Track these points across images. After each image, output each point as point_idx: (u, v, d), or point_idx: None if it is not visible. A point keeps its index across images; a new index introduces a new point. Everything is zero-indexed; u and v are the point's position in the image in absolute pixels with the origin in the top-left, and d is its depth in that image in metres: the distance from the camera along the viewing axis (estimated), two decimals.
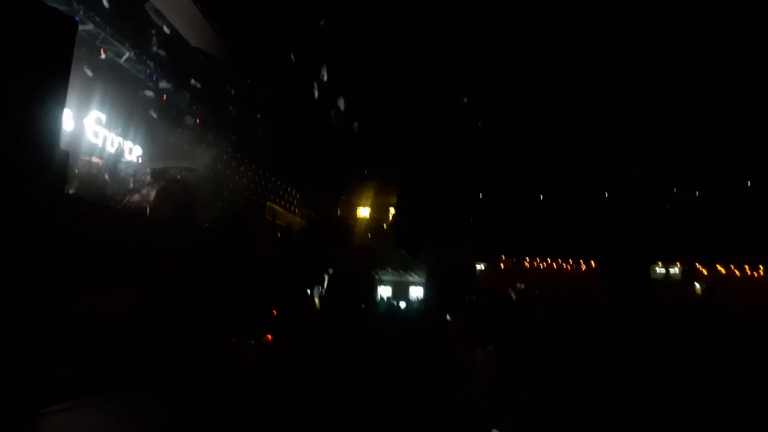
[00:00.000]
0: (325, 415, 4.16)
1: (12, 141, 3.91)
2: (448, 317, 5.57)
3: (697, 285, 25.67)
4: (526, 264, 28.31)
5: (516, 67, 17.18)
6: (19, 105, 3.98)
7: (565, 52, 17.99)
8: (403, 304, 19.71)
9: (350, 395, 4.74)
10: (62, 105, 4.51)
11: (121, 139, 11.36)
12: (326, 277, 11.73)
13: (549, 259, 28.09)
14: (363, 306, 12.19)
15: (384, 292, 24.59)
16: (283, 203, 17.91)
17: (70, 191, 7.30)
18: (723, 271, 24.83)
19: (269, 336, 7.77)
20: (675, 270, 25.79)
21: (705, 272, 25.23)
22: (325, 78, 14.08)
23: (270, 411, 4.32)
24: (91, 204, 7.70)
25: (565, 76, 18.94)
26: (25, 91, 4.04)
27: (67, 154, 4.61)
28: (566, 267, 27.78)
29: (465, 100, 16.08)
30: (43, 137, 4.21)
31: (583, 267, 27.42)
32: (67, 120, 9.19)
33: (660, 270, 25.46)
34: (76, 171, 8.54)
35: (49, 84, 4.25)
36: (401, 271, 25.12)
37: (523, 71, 17.90)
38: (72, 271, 5.68)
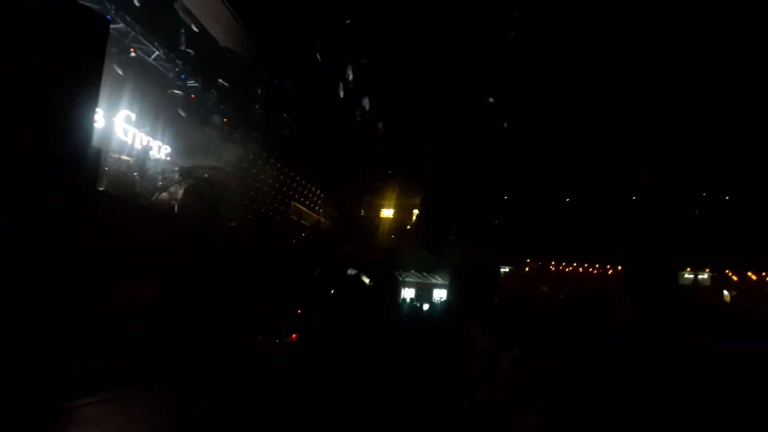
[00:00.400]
0: (344, 416, 4.12)
1: (47, 137, 3.95)
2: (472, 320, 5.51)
3: (726, 292, 25.14)
4: (551, 267, 27.99)
5: (545, 69, 16.96)
6: (55, 102, 4.02)
7: (599, 53, 17.73)
8: (426, 306, 19.65)
9: (371, 395, 4.70)
10: (95, 102, 4.56)
11: (149, 138, 11.50)
12: (350, 278, 11.71)
13: (575, 263, 27.73)
14: (386, 307, 12.14)
15: (407, 293, 24.55)
16: (307, 203, 17.97)
17: (101, 188, 7.38)
18: (754, 277, 24.24)
19: (294, 335, 7.77)
20: (704, 276, 25.29)
21: (735, 279, 24.66)
22: (351, 77, 14.09)
23: (291, 410, 4.30)
24: (121, 201, 7.79)
25: (597, 79, 18.66)
26: (60, 88, 4.09)
27: (99, 151, 4.66)
28: (592, 271, 27.41)
29: (491, 100, 15.93)
30: (76, 134, 4.25)
31: (610, 271, 27.02)
32: (98, 118, 9.32)
33: (688, 276, 24.96)
34: (106, 168, 8.65)
35: (82, 81, 4.30)
36: (424, 273, 25.04)
37: (552, 73, 17.68)
38: (102, 265, 5.74)
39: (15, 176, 3.59)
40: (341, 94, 14.58)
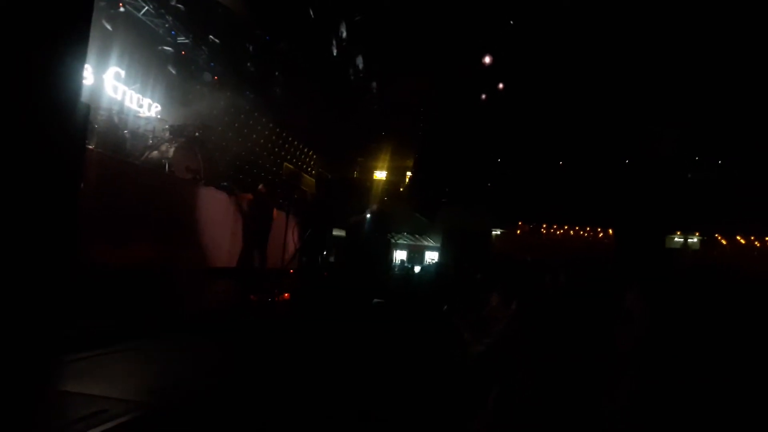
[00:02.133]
0: (336, 371, 4.19)
1: (34, 93, 3.88)
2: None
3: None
4: (543, 230, 28.28)
5: (540, 29, 16.74)
6: (41, 57, 3.93)
7: (589, 17, 17.51)
8: (417, 269, 19.87)
9: (364, 351, 4.79)
10: (83, 58, 4.47)
11: (139, 95, 11.33)
12: (342, 240, 11.77)
13: (566, 226, 28.01)
14: (378, 267, 12.24)
15: (399, 255, 24.75)
16: (300, 164, 17.89)
17: (90, 146, 7.30)
18: (743, 241, 24.60)
19: (286, 294, 7.85)
20: (694, 240, 25.62)
21: (724, 242, 25.02)
22: (344, 35, 13.85)
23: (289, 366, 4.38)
24: (111, 159, 7.72)
25: (588, 41, 18.46)
26: (47, 43, 3.99)
27: (88, 107, 4.59)
28: (583, 234, 27.71)
29: (486, 60, 15.76)
30: (65, 90, 4.18)
31: (600, 234, 27.32)
32: (87, 74, 9.16)
33: (678, 239, 25.27)
34: (96, 126, 8.54)
35: (70, 35, 4.19)
36: (417, 236, 25.21)
37: (546, 34, 17.46)
38: (94, 222, 5.74)
39: (2, 134, 3.53)
40: (334, 52, 14.35)
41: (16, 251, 3.51)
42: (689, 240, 25.79)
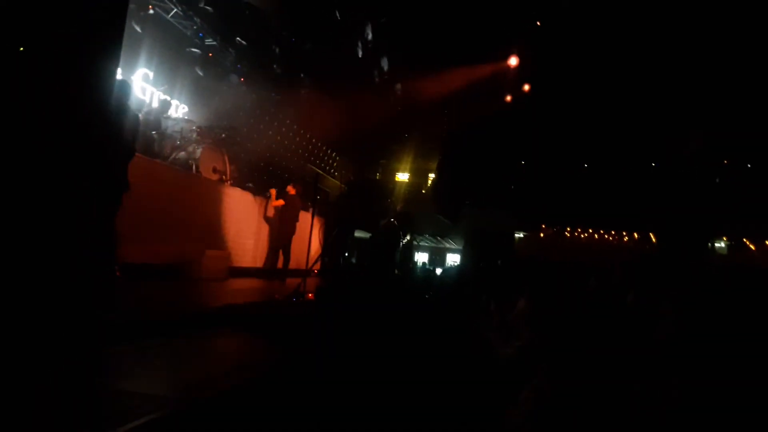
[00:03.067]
0: (365, 369, 4.19)
1: (72, 97, 3.96)
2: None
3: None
4: (566, 233, 27.97)
5: (566, 30, 16.58)
6: (78, 60, 4.01)
7: (616, 18, 17.29)
8: (438, 271, 19.80)
9: (389, 349, 4.78)
10: (117, 59, 4.56)
11: (167, 97, 11.51)
12: (365, 241, 11.78)
13: (590, 230, 27.66)
14: (400, 269, 12.24)
15: (421, 257, 24.69)
16: (323, 165, 17.97)
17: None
18: None
19: (311, 295, 7.88)
20: (721, 244, 25.12)
21: (753, 248, 24.48)
22: (371, 37, 13.89)
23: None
24: (141, 159, 7.85)
25: (615, 42, 18.23)
26: (83, 45, 4.07)
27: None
28: (608, 238, 27.34)
29: (512, 62, 15.66)
30: (100, 92, 4.26)
31: (626, 238, 26.92)
32: (117, 76, 9.33)
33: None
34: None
35: (105, 38, 4.28)
36: (438, 238, 25.13)
37: (573, 35, 17.29)
38: (123, 220, 5.84)
39: (38, 131, 3.61)
40: (360, 53, 14.40)
41: (54, 244, 3.60)
42: (716, 244, 25.31)
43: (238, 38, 12.84)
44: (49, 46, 3.68)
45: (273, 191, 11.21)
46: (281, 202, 11.06)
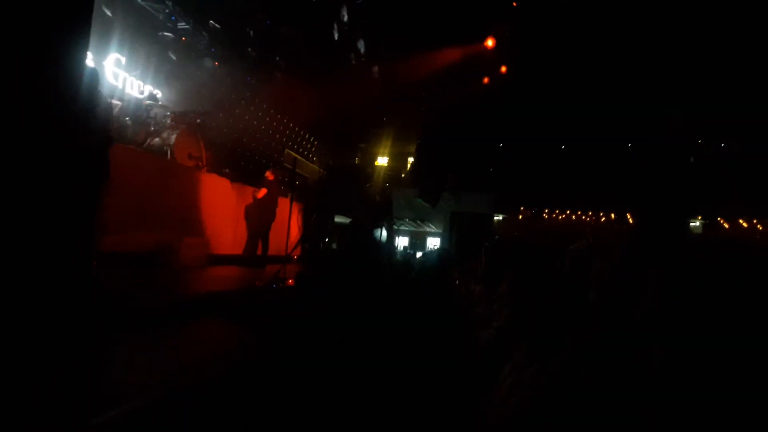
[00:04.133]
0: (344, 354, 4.20)
1: (38, 82, 3.85)
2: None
3: None
4: (545, 215, 28.28)
5: (543, 11, 16.57)
6: (44, 45, 3.89)
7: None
8: (419, 254, 19.89)
9: (369, 337, 4.79)
10: (86, 44, 4.44)
11: (140, 82, 11.28)
12: (345, 225, 11.77)
13: (568, 211, 28.00)
14: (381, 254, 12.26)
15: (401, 242, 24.74)
16: (301, 150, 17.84)
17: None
18: (745, 225, 24.59)
19: (291, 281, 7.86)
20: (696, 223, 25.63)
21: (727, 226, 25.03)
22: (346, 19, 13.73)
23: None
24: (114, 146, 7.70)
25: (591, 23, 18.29)
26: (50, 30, 3.95)
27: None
28: (586, 218, 27.72)
29: (489, 43, 15.62)
30: (69, 78, 4.15)
31: (603, 218, 27.32)
32: (88, 61, 9.10)
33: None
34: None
35: (72, 22, 4.15)
36: (418, 222, 25.21)
37: (550, 15, 17.29)
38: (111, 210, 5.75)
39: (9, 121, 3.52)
40: (336, 37, 14.24)
41: (40, 242, 3.52)
42: (691, 223, 25.78)
43: (211, 21, 12.59)
44: (13, 34, 3.56)
45: (263, 190, 11.08)
46: (264, 190, 10.98)
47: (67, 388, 2.66)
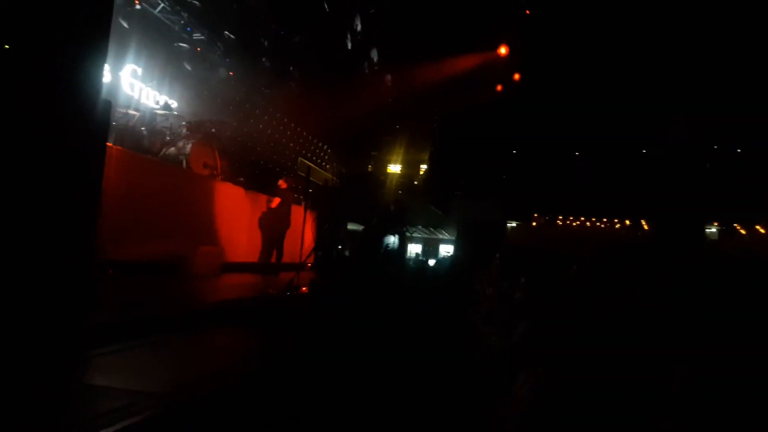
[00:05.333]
0: (359, 363, 4.21)
1: (57, 92, 3.92)
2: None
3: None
4: (558, 222, 28.06)
5: (554, 19, 16.57)
6: (65, 56, 3.97)
7: (602, 6, 17.32)
8: (432, 262, 19.85)
9: (380, 345, 4.80)
10: (104, 55, 4.51)
11: (156, 92, 11.42)
12: (358, 232, 11.81)
13: (582, 218, 27.77)
14: (393, 261, 12.26)
15: (414, 249, 24.73)
16: (314, 158, 17.92)
17: (109, 143, 7.37)
18: (762, 231, 24.20)
19: (304, 288, 7.88)
20: (712, 229, 25.30)
21: (743, 232, 24.65)
22: (360, 28, 13.82)
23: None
24: (130, 155, 7.80)
25: (605, 29, 18.24)
26: (70, 40, 4.03)
27: (109, 103, 4.64)
28: (599, 225, 27.47)
29: (502, 51, 15.64)
30: (87, 87, 4.22)
31: (618, 225, 27.05)
32: (104, 72, 9.24)
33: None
34: (114, 123, 8.62)
35: (92, 32, 4.23)
36: (431, 229, 25.19)
37: (561, 23, 17.28)
38: (113, 218, 5.82)
39: (26, 131, 3.58)
40: (349, 46, 14.33)
41: (36, 247, 3.57)
42: (707, 230, 25.48)
43: (226, 32, 12.74)
44: (34, 45, 3.64)
45: (277, 199, 11.17)
46: (278, 200, 11.06)
47: (57, 396, 2.68)
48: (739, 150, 25.74)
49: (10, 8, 3.54)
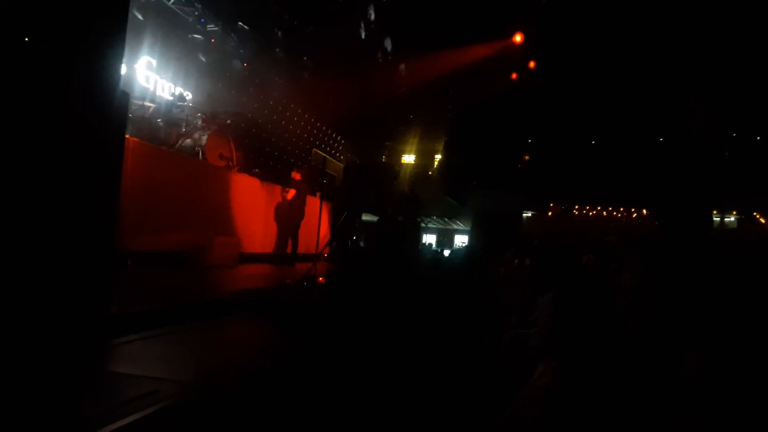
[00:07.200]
0: (374, 355, 4.21)
1: (77, 83, 3.95)
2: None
3: None
4: (575, 211, 27.86)
5: (572, 4, 16.35)
6: (83, 48, 3.98)
7: None
8: (447, 252, 19.81)
9: (395, 335, 4.80)
10: (122, 46, 4.52)
11: (171, 84, 11.46)
12: (372, 223, 11.80)
13: (599, 207, 27.53)
14: (409, 252, 12.24)
15: (428, 239, 24.70)
16: (328, 149, 17.91)
17: (126, 134, 7.42)
18: None
19: (321, 279, 7.90)
20: (731, 218, 24.98)
21: (763, 221, 24.31)
22: (374, 18, 13.74)
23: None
24: (147, 146, 7.86)
25: (622, 15, 17.96)
26: (89, 32, 4.04)
27: (127, 94, 4.66)
28: (616, 214, 27.23)
29: (517, 39, 15.47)
30: (105, 79, 4.24)
31: (635, 214, 26.80)
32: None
33: (715, 218, 24.65)
34: (130, 115, 8.66)
35: (109, 25, 4.25)
36: (446, 219, 25.12)
37: (578, 10, 17.05)
38: (131, 208, 5.87)
39: (47, 123, 3.61)
40: (363, 36, 14.27)
41: (59, 238, 3.61)
42: (726, 219, 25.18)
43: (240, 23, 12.74)
44: (53, 37, 3.65)
45: (292, 191, 11.23)
46: (293, 191, 11.11)
47: (68, 390, 2.70)
48: (758, 138, 25.31)
49: (30, 2, 3.56)
